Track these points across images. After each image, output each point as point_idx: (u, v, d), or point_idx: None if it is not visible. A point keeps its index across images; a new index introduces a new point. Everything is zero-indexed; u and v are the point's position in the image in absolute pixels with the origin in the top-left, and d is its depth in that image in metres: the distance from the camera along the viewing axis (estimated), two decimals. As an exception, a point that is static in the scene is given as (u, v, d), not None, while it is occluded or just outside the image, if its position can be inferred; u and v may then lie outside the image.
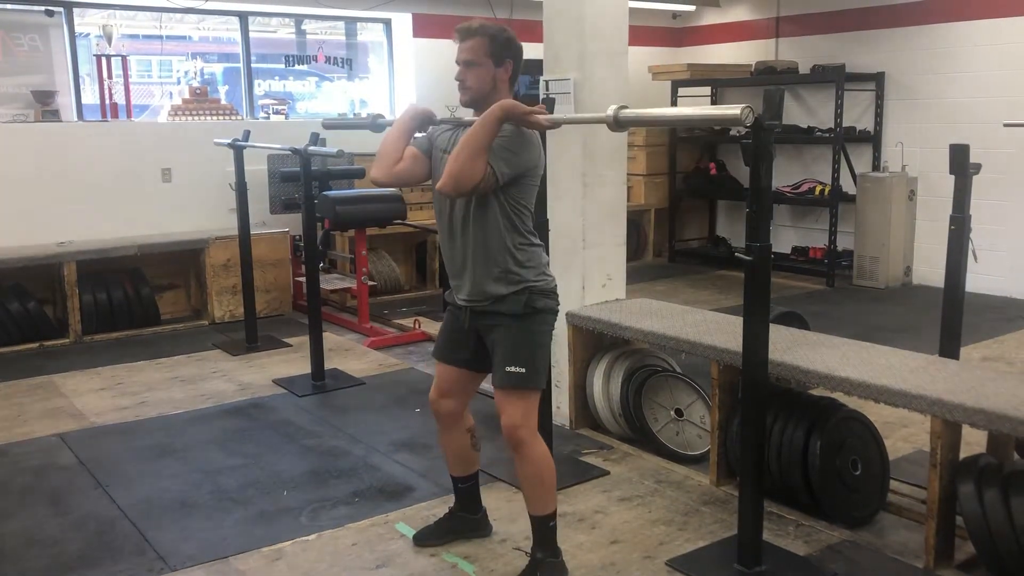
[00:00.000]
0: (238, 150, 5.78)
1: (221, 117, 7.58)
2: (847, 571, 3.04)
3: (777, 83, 8.02)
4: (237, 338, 6.16)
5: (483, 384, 3.12)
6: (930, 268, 7.59)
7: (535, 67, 4.47)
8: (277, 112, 8.11)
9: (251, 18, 7.99)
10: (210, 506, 3.62)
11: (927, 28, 7.67)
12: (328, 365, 5.33)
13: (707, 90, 9.43)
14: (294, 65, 8.43)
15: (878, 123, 8.08)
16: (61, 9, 7.03)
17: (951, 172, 3.64)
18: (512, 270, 2.80)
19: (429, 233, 7.49)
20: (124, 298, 6.43)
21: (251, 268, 6.07)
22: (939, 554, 3.01)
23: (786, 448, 3.36)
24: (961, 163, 3.60)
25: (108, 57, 7.14)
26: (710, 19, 9.79)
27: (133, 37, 7.91)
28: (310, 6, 7.95)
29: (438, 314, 6.64)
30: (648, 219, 9.25)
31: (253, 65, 8.04)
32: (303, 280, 5.63)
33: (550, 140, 3.77)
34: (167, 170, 7.19)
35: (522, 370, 2.80)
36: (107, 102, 7.16)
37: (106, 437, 4.42)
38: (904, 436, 4.10)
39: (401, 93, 8.72)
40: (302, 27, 8.66)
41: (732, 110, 2.23)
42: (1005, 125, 5.31)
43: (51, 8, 7.00)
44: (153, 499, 3.69)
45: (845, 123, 7.92)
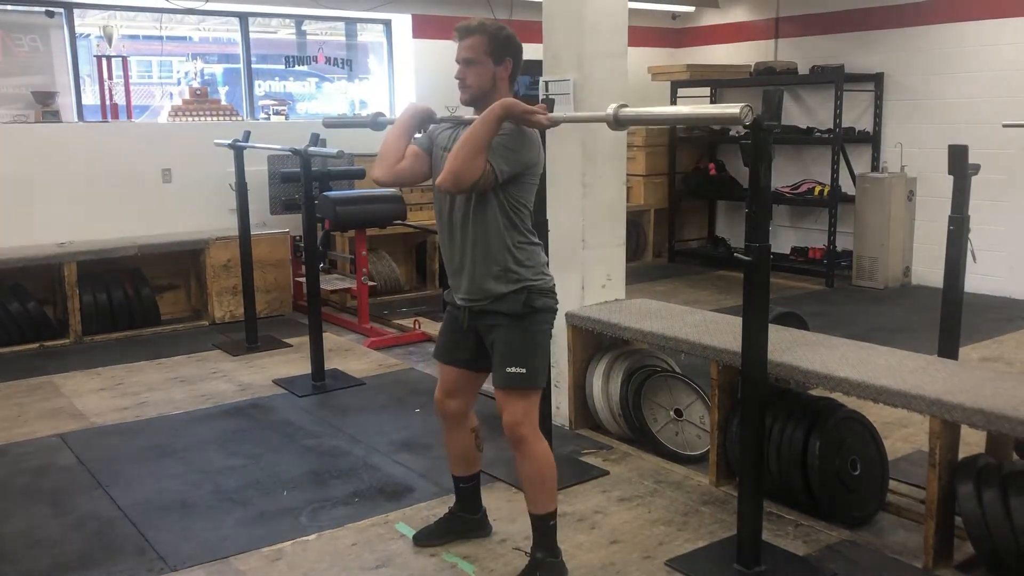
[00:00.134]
0: (238, 151, 5.79)
1: (221, 118, 7.59)
2: (846, 571, 3.04)
3: (776, 84, 8.03)
4: (237, 338, 6.16)
5: (483, 385, 3.13)
6: (929, 268, 7.60)
7: (535, 68, 4.47)
8: (277, 113, 8.12)
9: (251, 19, 7.99)
10: (210, 506, 3.62)
11: (926, 29, 7.68)
12: (328, 365, 5.34)
13: (707, 91, 9.44)
14: (294, 66, 8.44)
15: (877, 124, 8.08)
16: (61, 10, 7.03)
17: (950, 172, 3.64)
18: (511, 268, 2.81)
19: (429, 233, 7.50)
20: (124, 298, 6.43)
21: (251, 268, 6.08)
22: (938, 554, 3.01)
23: (785, 448, 3.36)
24: (960, 164, 3.61)
25: (108, 58, 7.15)
26: (709, 20, 9.79)
27: (133, 38, 7.92)
28: (310, 7, 7.95)
29: (438, 314, 6.64)
30: (648, 219, 9.25)
31: (253, 66, 8.05)
32: (303, 280, 5.63)
33: (550, 140, 3.77)
34: (167, 170, 7.20)
35: (522, 370, 2.80)
36: (107, 103, 7.17)
37: (106, 437, 4.43)
38: (903, 436, 4.11)
39: (401, 94, 8.72)
40: (302, 28, 8.66)
41: (731, 109, 2.23)
42: (1004, 126, 5.32)
43: (51, 9, 7.01)
44: (153, 499, 3.69)
45: (844, 124, 7.92)
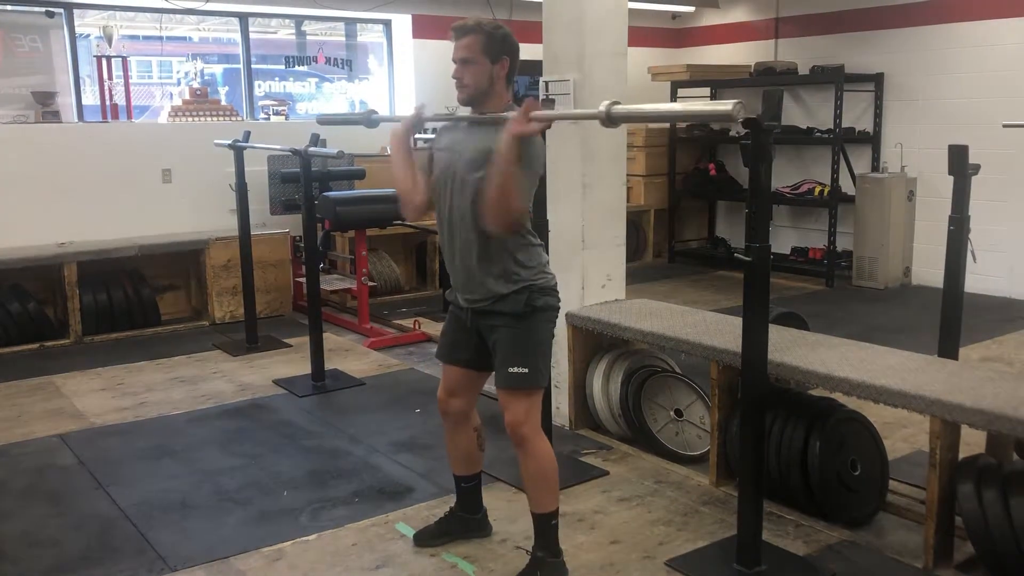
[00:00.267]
0: (238, 151, 5.79)
1: (221, 118, 7.59)
2: (846, 571, 3.04)
3: (776, 84, 8.03)
4: (237, 339, 6.16)
5: (485, 385, 3.13)
6: (929, 268, 7.60)
7: (535, 68, 4.48)
8: (277, 113, 8.12)
9: (251, 19, 8.00)
10: (210, 506, 3.62)
11: (926, 29, 7.68)
12: (328, 366, 5.34)
13: (707, 91, 9.44)
14: (294, 66, 8.44)
15: (877, 124, 8.09)
16: (61, 10, 7.04)
17: (950, 173, 3.64)
18: (512, 269, 2.81)
19: (429, 234, 7.50)
20: (124, 299, 6.43)
21: (251, 269, 6.08)
22: (938, 554, 3.02)
23: (785, 448, 3.37)
24: (960, 164, 3.61)
25: (108, 58, 7.15)
26: (709, 20, 9.79)
27: (133, 38, 7.91)
28: (310, 7, 7.95)
29: (438, 315, 6.65)
30: (648, 220, 9.25)
31: (253, 66, 8.05)
32: (303, 281, 5.63)
33: (550, 140, 3.77)
34: (167, 171, 7.20)
35: (524, 370, 2.80)
36: (107, 103, 7.17)
37: (106, 438, 4.43)
38: (903, 436, 4.11)
39: (401, 94, 8.73)
40: (302, 28, 8.66)
41: (724, 106, 2.19)
42: (1004, 126, 5.30)
43: (51, 9, 7.01)
44: (153, 499, 3.69)
45: (844, 124, 7.92)
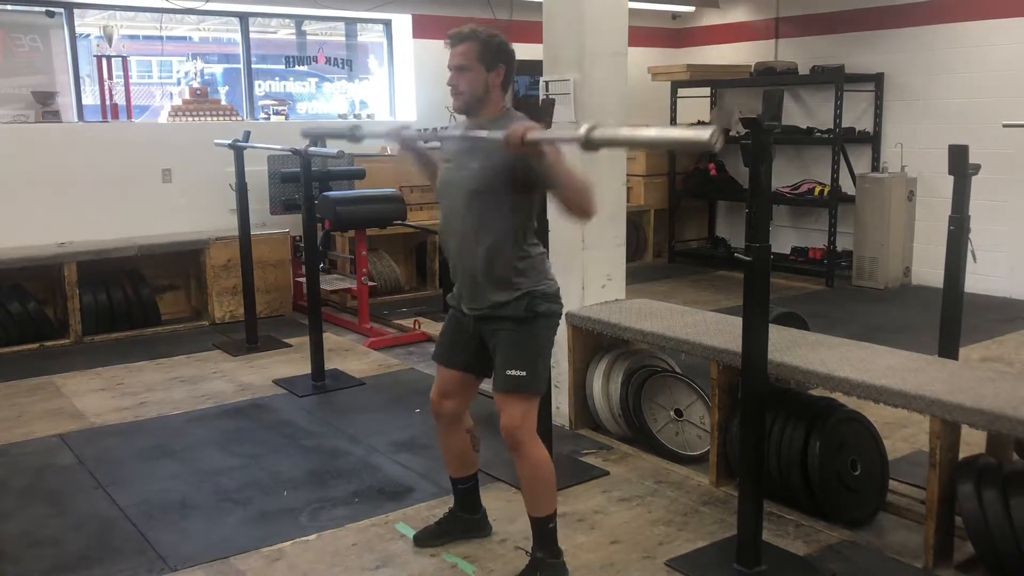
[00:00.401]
0: (238, 151, 5.78)
1: (221, 118, 7.59)
2: (846, 571, 3.04)
3: (777, 84, 8.03)
4: (237, 338, 6.16)
5: (483, 385, 3.13)
6: (929, 268, 7.60)
7: (535, 68, 4.48)
8: (277, 113, 8.12)
9: (251, 19, 8.00)
10: (210, 506, 3.62)
11: (926, 29, 7.68)
12: (328, 365, 5.33)
13: (707, 91, 9.45)
14: (294, 66, 8.44)
15: (877, 124, 8.08)
16: (62, 10, 7.04)
17: (950, 173, 3.64)
18: (515, 280, 2.81)
19: (429, 234, 7.50)
20: (124, 298, 6.43)
21: (251, 269, 6.08)
22: (938, 554, 3.02)
23: (785, 448, 3.36)
24: (960, 164, 3.61)
25: (108, 58, 7.15)
26: (710, 20, 9.79)
27: (133, 38, 7.91)
28: (310, 7, 7.96)
29: (438, 314, 6.65)
30: (648, 220, 9.25)
31: (253, 66, 8.05)
32: (303, 280, 5.63)
33: (550, 141, 3.78)
34: (167, 171, 7.20)
35: (523, 374, 2.80)
36: (107, 103, 7.17)
37: (106, 437, 4.43)
38: (903, 436, 4.11)
39: (401, 94, 8.73)
40: (302, 28, 8.66)
41: (702, 134, 2.13)
42: (1004, 126, 5.31)
43: (51, 9, 7.01)
44: (153, 499, 3.69)
45: (844, 124, 7.92)
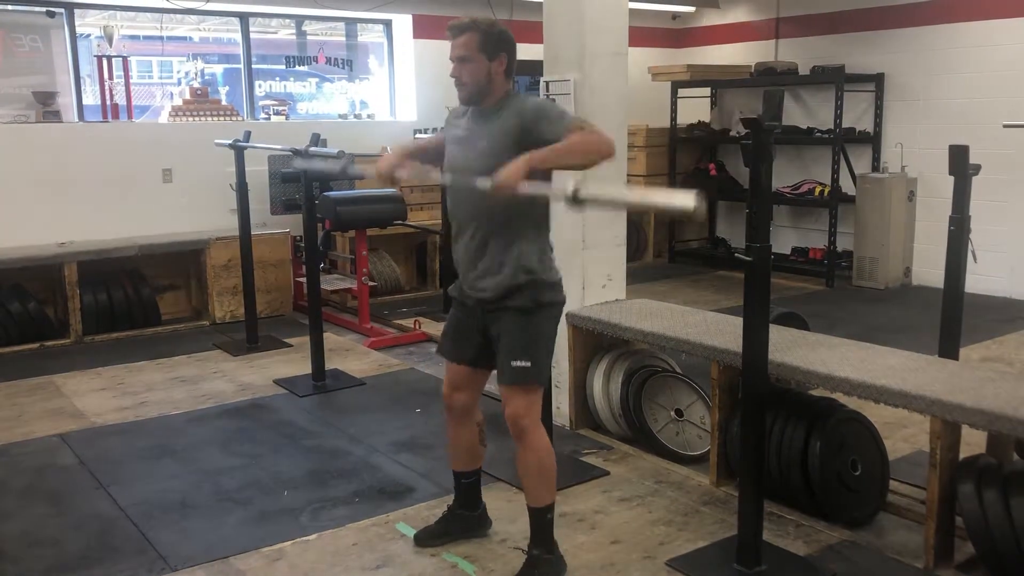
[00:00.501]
0: (239, 151, 5.79)
1: (222, 118, 7.59)
2: (847, 571, 3.04)
3: (777, 84, 8.03)
4: (238, 338, 6.16)
5: (487, 386, 3.14)
6: (929, 269, 7.59)
7: (536, 68, 4.48)
8: (278, 113, 8.12)
9: (251, 19, 8.00)
10: (211, 506, 3.62)
11: (927, 29, 7.68)
12: (329, 365, 5.33)
13: (707, 91, 9.45)
14: (295, 66, 8.44)
15: (878, 124, 8.08)
16: (62, 10, 7.04)
17: (951, 173, 3.64)
18: (521, 263, 2.81)
19: (429, 234, 7.50)
20: (124, 298, 6.43)
21: (252, 268, 6.08)
22: (939, 554, 3.02)
23: (786, 448, 3.36)
24: (961, 164, 3.61)
25: (109, 58, 7.15)
26: (710, 20, 9.79)
27: (134, 38, 7.92)
28: (310, 7, 7.96)
29: (438, 314, 6.65)
30: (648, 220, 9.24)
31: (253, 66, 8.05)
32: (303, 280, 5.63)
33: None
34: (168, 170, 7.20)
35: (527, 364, 2.81)
36: (108, 103, 7.17)
37: (107, 437, 4.43)
38: (904, 436, 4.11)
39: (401, 94, 8.73)
40: (302, 28, 8.66)
41: (687, 200, 2.19)
42: (1005, 126, 5.31)
43: (52, 9, 7.01)
44: (154, 499, 3.69)
45: (845, 124, 7.92)
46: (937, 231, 7.29)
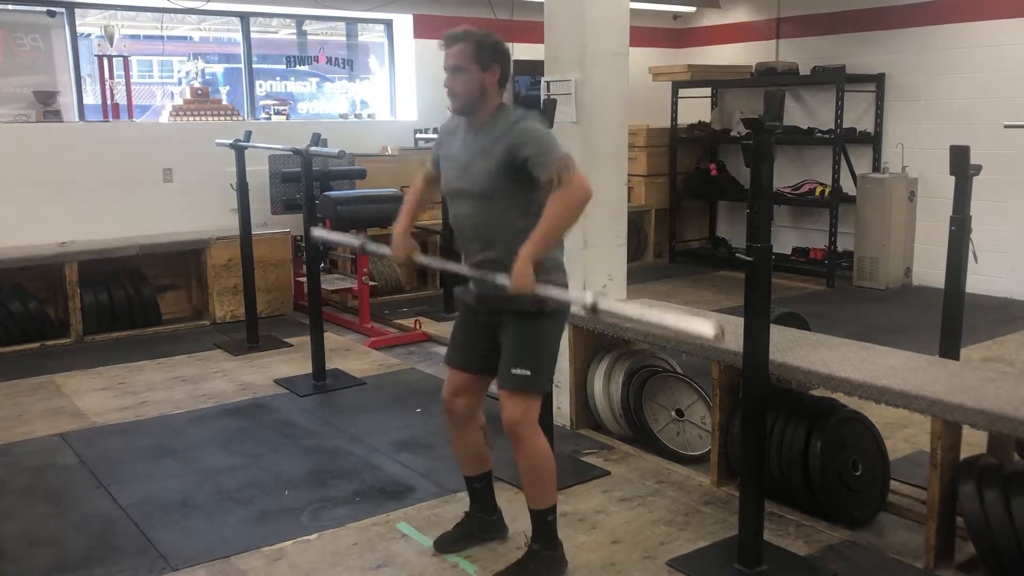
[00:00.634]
0: (239, 150, 5.79)
1: (222, 117, 7.59)
2: (847, 571, 3.04)
3: (778, 84, 8.02)
4: (238, 338, 6.16)
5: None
6: (930, 269, 7.59)
7: (536, 67, 4.48)
8: (278, 113, 8.12)
9: (252, 19, 8.00)
10: (211, 506, 3.62)
11: (927, 29, 7.68)
12: (329, 365, 5.34)
13: (708, 91, 9.45)
14: (295, 66, 8.44)
15: (878, 124, 8.08)
16: (63, 10, 7.04)
17: (951, 173, 3.64)
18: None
19: (430, 234, 7.50)
20: (125, 298, 6.43)
21: (252, 268, 6.08)
22: (939, 554, 3.02)
23: (787, 448, 3.36)
24: (961, 164, 3.60)
25: (109, 57, 7.15)
26: (711, 20, 9.79)
27: (134, 37, 7.92)
28: (311, 7, 7.96)
29: (439, 314, 6.66)
30: (649, 220, 9.25)
31: (254, 66, 8.05)
32: (304, 280, 5.63)
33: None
34: (168, 170, 7.20)
35: (527, 372, 2.81)
36: (108, 102, 7.17)
37: (107, 437, 4.43)
38: (904, 437, 4.11)
39: (402, 94, 8.73)
40: (303, 28, 8.67)
41: (707, 328, 2.26)
42: (1005, 126, 5.31)
43: (53, 8, 7.01)
44: (154, 499, 3.69)
45: (845, 124, 7.92)
46: (938, 231, 7.28)
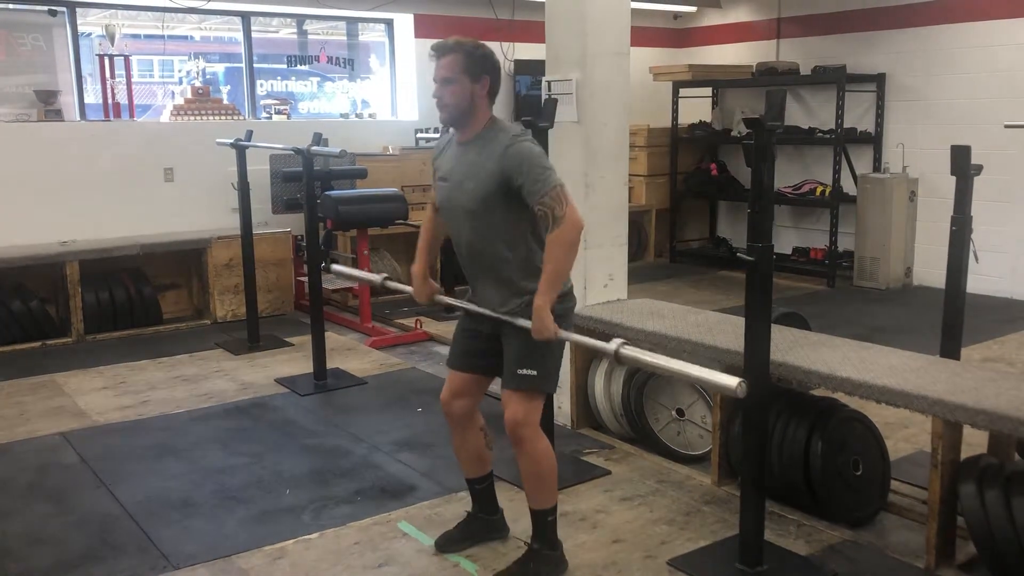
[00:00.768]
0: (240, 150, 5.79)
1: (223, 117, 7.59)
2: (848, 571, 3.04)
3: (778, 84, 8.03)
4: (239, 337, 6.17)
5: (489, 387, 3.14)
6: (931, 269, 7.60)
7: (537, 67, 4.48)
8: (279, 112, 8.12)
9: (253, 18, 8.00)
10: (212, 505, 3.63)
11: (928, 29, 7.68)
12: (330, 364, 5.34)
13: (708, 91, 9.45)
14: (296, 65, 8.44)
15: (879, 124, 8.08)
16: (64, 9, 7.04)
17: (952, 173, 3.64)
18: (520, 285, 2.83)
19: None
20: (126, 297, 6.44)
21: (253, 268, 6.08)
22: (940, 554, 3.02)
23: (787, 448, 3.37)
24: (962, 164, 3.61)
25: (111, 57, 7.15)
26: (711, 20, 9.79)
27: (135, 37, 7.92)
28: (312, 6, 7.96)
29: (439, 314, 6.66)
30: (649, 219, 9.25)
31: (255, 65, 8.05)
32: (305, 280, 5.64)
33: (552, 140, 3.79)
34: (169, 170, 7.20)
35: (533, 373, 2.81)
36: (109, 102, 7.17)
37: (108, 436, 4.43)
38: (905, 436, 4.11)
39: (402, 93, 8.73)
40: (304, 27, 8.67)
41: (730, 381, 2.33)
42: (1006, 126, 5.32)
43: (54, 8, 7.01)
44: (156, 498, 3.70)
45: (846, 124, 7.92)
46: (938, 231, 7.28)
